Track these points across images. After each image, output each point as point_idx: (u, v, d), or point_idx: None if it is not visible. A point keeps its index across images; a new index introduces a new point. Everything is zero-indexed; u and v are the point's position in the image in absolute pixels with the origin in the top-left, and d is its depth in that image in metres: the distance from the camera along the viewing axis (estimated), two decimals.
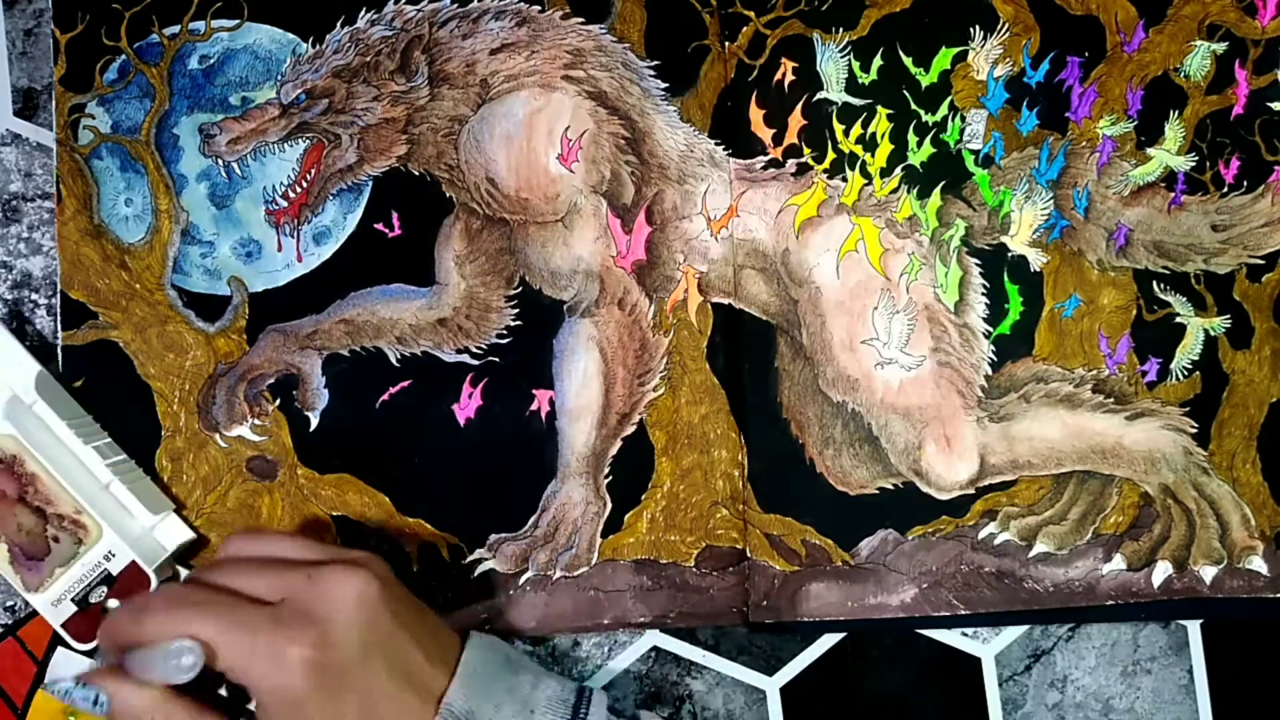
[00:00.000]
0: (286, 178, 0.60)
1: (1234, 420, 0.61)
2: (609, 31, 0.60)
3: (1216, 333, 0.61)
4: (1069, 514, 0.60)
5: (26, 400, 0.55)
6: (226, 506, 0.59)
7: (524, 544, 0.59)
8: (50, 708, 0.56)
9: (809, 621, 0.59)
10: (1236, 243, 0.61)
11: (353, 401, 0.59)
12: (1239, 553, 0.60)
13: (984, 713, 0.61)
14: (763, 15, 0.60)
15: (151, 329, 0.59)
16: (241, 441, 0.59)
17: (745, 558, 0.60)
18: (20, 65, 0.60)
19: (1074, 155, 0.61)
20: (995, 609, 0.60)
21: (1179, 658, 0.61)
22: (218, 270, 0.60)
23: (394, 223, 0.60)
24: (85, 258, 0.59)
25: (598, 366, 0.60)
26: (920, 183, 0.61)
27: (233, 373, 0.59)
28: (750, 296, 0.60)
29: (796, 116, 0.61)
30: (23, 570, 0.54)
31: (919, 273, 0.60)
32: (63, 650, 0.55)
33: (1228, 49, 0.61)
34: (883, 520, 0.60)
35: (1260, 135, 0.61)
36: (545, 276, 0.60)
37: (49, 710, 0.55)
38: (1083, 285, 0.61)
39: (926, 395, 0.60)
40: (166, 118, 0.60)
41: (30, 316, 0.60)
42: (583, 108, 0.60)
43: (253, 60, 0.60)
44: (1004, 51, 0.61)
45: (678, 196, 0.60)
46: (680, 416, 0.60)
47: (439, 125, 0.60)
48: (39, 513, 0.55)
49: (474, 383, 0.60)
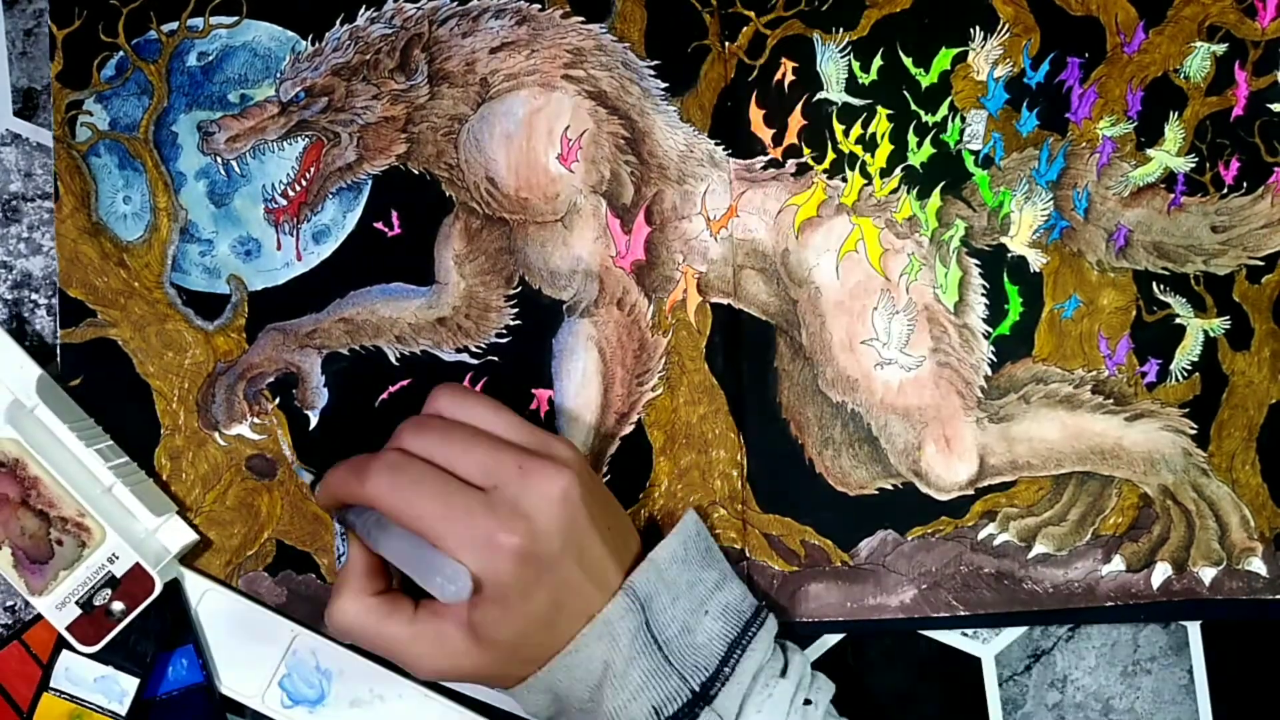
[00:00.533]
0: (286, 176, 0.60)
1: (1233, 422, 0.61)
2: (609, 31, 0.60)
3: (1216, 334, 0.61)
4: (1068, 515, 0.60)
5: (28, 404, 0.55)
6: (226, 505, 0.59)
7: None
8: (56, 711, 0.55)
9: (808, 622, 0.59)
10: (1236, 244, 0.61)
11: (352, 400, 0.59)
12: (1238, 554, 0.60)
13: (984, 713, 0.61)
14: (763, 15, 0.60)
15: (150, 327, 0.59)
16: (241, 440, 0.59)
17: (744, 558, 0.60)
18: (20, 65, 0.60)
19: (1074, 156, 0.61)
20: (995, 610, 0.60)
21: (1179, 658, 0.61)
22: (217, 268, 0.60)
23: (393, 221, 0.60)
24: (83, 255, 0.59)
25: (596, 366, 0.60)
26: (920, 183, 0.61)
27: (232, 371, 0.59)
28: (750, 297, 0.60)
29: (796, 117, 0.61)
30: (26, 574, 0.54)
31: (919, 273, 0.60)
32: (68, 653, 0.55)
33: (1228, 50, 0.61)
34: (882, 521, 0.60)
35: (1260, 137, 0.61)
36: (545, 276, 0.60)
37: (55, 714, 0.55)
38: (1082, 286, 0.61)
39: (926, 396, 0.60)
40: (165, 115, 0.60)
41: (30, 317, 0.60)
42: (583, 107, 0.60)
43: (252, 58, 0.60)
44: (1004, 52, 0.61)
45: (677, 196, 0.60)
46: (679, 416, 0.60)
47: (439, 124, 0.60)
48: (42, 516, 0.54)
49: (473, 382, 0.60)
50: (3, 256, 0.60)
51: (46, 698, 0.55)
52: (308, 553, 0.59)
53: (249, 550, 0.59)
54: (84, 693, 0.55)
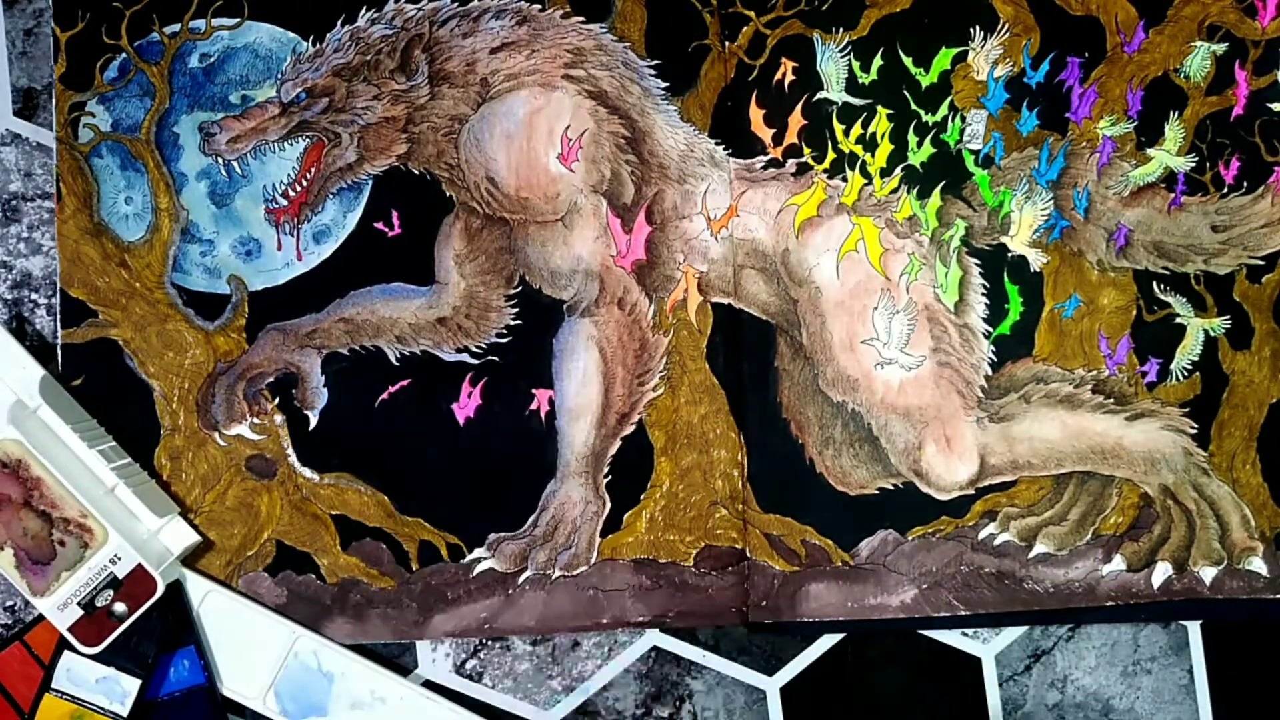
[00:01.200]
0: (286, 176, 0.60)
1: (1234, 421, 0.61)
2: (609, 31, 0.60)
3: (1216, 333, 0.61)
4: (1069, 515, 0.60)
5: (30, 405, 0.55)
6: (225, 505, 0.59)
7: (523, 543, 0.59)
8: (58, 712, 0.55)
9: (809, 621, 0.59)
10: (1236, 243, 0.61)
11: (352, 400, 0.59)
12: (1239, 553, 0.60)
13: (984, 713, 0.61)
14: (763, 15, 0.60)
15: (151, 327, 0.59)
16: (240, 440, 0.59)
17: (745, 558, 0.60)
18: (20, 65, 0.60)
19: (1074, 156, 0.61)
20: (995, 609, 0.60)
21: (1179, 658, 0.61)
22: (217, 269, 0.60)
23: (394, 222, 0.60)
24: (85, 256, 0.59)
25: (597, 366, 0.60)
26: (920, 183, 0.61)
27: (232, 371, 0.59)
28: (750, 296, 0.60)
29: (796, 116, 0.61)
30: (29, 574, 0.54)
31: (919, 273, 0.60)
32: (70, 654, 0.55)
33: (1228, 50, 0.61)
34: (883, 520, 0.60)
35: (1260, 136, 0.61)
36: (545, 276, 0.60)
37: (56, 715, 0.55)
38: (1083, 286, 0.61)
39: (926, 395, 0.60)
40: (167, 116, 0.60)
41: (30, 316, 0.60)
42: (583, 107, 0.60)
43: (253, 59, 0.60)
44: (1004, 52, 0.61)
45: (678, 196, 0.60)
46: (680, 416, 0.60)
47: (439, 124, 0.60)
48: (44, 516, 0.54)
49: (473, 382, 0.60)
50: (3, 256, 0.60)
51: (48, 699, 0.55)
52: (308, 553, 0.59)
53: (249, 550, 0.59)
54: (85, 693, 0.55)
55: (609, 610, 0.59)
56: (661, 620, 0.59)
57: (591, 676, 0.60)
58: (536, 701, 0.60)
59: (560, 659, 0.60)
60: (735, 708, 0.60)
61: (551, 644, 0.60)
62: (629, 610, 0.59)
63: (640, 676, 0.60)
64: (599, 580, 0.59)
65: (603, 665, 0.60)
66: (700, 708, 0.60)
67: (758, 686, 0.60)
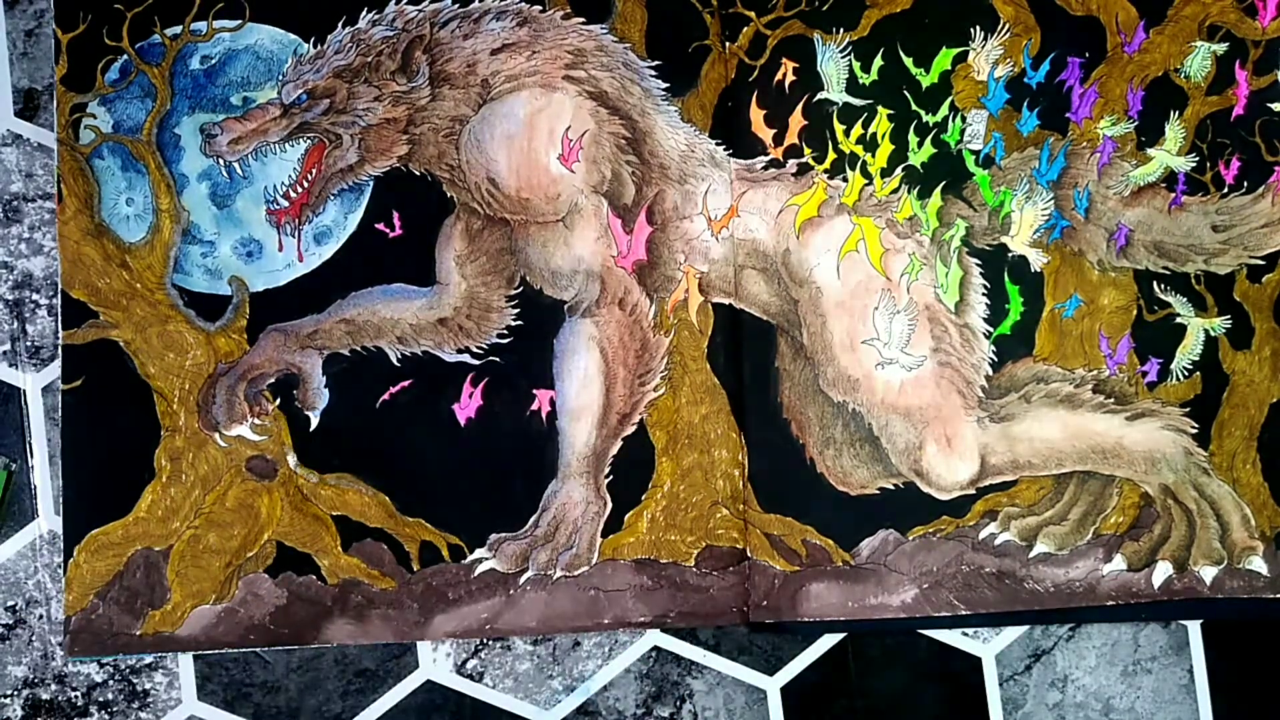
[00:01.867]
0: (287, 177, 0.60)
1: (1234, 421, 0.61)
2: (610, 31, 0.60)
3: (1217, 333, 0.61)
4: (1069, 514, 0.60)
5: None
6: (226, 506, 0.59)
7: (524, 543, 0.59)
8: None
9: (809, 621, 0.59)
10: (1237, 243, 0.61)
11: (353, 401, 0.59)
12: (1239, 553, 0.60)
13: (984, 713, 0.61)
14: (763, 15, 0.61)
15: (152, 328, 0.59)
16: (241, 441, 0.59)
17: (745, 558, 0.60)
18: (21, 66, 0.60)
19: (1074, 156, 0.61)
20: (996, 609, 0.60)
21: (1179, 658, 0.61)
22: (218, 270, 0.60)
23: (395, 223, 0.60)
24: (86, 257, 0.59)
25: (598, 366, 0.60)
26: (921, 183, 0.61)
27: (233, 372, 0.59)
28: (751, 296, 0.60)
29: (797, 117, 0.61)
30: None
31: (919, 273, 0.60)
32: None
33: (1228, 50, 0.61)
34: (883, 520, 0.60)
35: (1260, 136, 0.61)
36: (546, 276, 0.60)
37: None
38: (1083, 285, 0.61)
39: (927, 395, 0.60)
40: (168, 118, 0.60)
41: (31, 317, 0.60)
42: (584, 108, 0.60)
43: (254, 60, 0.60)
44: (1004, 52, 0.61)
45: (678, 196, 0.60)
46: (681, 416, 0.60)
47: (440, 125, 0.60)
48: None
49: (474, 382, 0.60)
50: (4, 257, 0.60)
51: None
52: (308, 554, 0.59)
53: (249, 552, 0.59)
54: None
55: (610, 610, 0.59)
56: (662, 620, 0.59)
57: (592, 676, 0.60)
58: (537, 701, 0.60)
59: (561, 659, 0.60)
60: (736, 707, 0.60)
61: (552, 644, 0.60)
62: (630, 610, 0.59)
63: (641, 676, 0.60)
64: (600, 580, 0.59)
65: (603, 665, 0.60)
66: (701, 707, 0.60)
67: (758, 686, 0.60)
